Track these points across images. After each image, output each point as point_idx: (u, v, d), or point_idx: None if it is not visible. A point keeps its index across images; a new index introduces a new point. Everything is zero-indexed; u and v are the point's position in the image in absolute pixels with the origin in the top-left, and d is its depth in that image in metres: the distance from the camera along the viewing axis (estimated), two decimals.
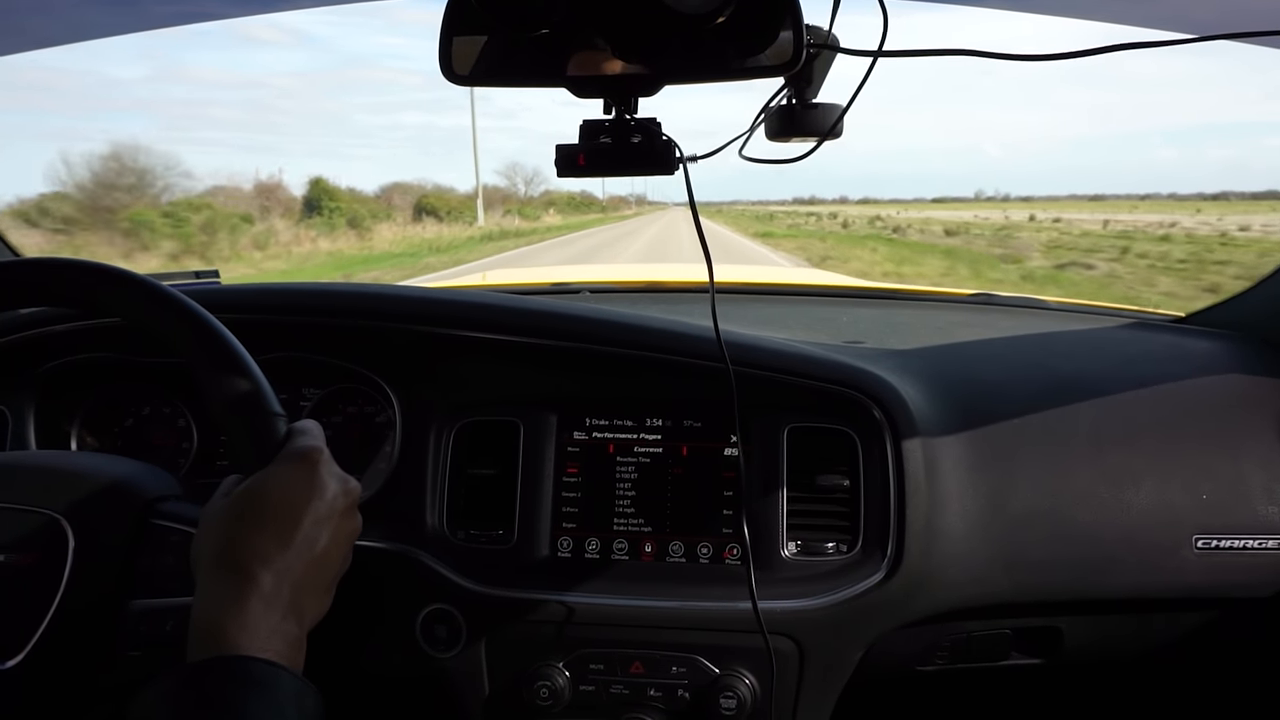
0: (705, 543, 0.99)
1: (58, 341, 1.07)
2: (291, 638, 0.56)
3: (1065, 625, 1.05)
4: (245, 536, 0.58)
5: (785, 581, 0.95)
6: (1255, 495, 0.99)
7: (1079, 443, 1.01)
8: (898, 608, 0.96)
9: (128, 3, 0.94)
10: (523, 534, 1.00)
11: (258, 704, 0.51)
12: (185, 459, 1.13)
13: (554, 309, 1.04)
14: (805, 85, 0.75)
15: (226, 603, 0.55)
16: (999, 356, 1.17)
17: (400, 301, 1.06)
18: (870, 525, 0.96)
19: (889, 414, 0.97)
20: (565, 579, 0.98)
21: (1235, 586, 1.00)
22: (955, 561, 0.96)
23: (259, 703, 0.51)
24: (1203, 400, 1.06)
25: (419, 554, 0.98)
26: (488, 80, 0.67)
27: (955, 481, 0.97)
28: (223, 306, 0.71)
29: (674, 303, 1.59)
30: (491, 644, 0.99)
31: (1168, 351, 1.17)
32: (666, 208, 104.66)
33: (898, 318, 1.50)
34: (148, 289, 0.65)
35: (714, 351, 0.91)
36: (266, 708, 0.51)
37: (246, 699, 0.51)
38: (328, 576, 0.62)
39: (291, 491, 0.60)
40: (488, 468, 1.03)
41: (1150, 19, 0.75)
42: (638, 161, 0.68)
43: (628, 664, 0.98)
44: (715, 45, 0.63)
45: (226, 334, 0.65)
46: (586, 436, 1.03)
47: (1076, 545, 0.97)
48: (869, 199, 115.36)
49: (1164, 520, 0.98)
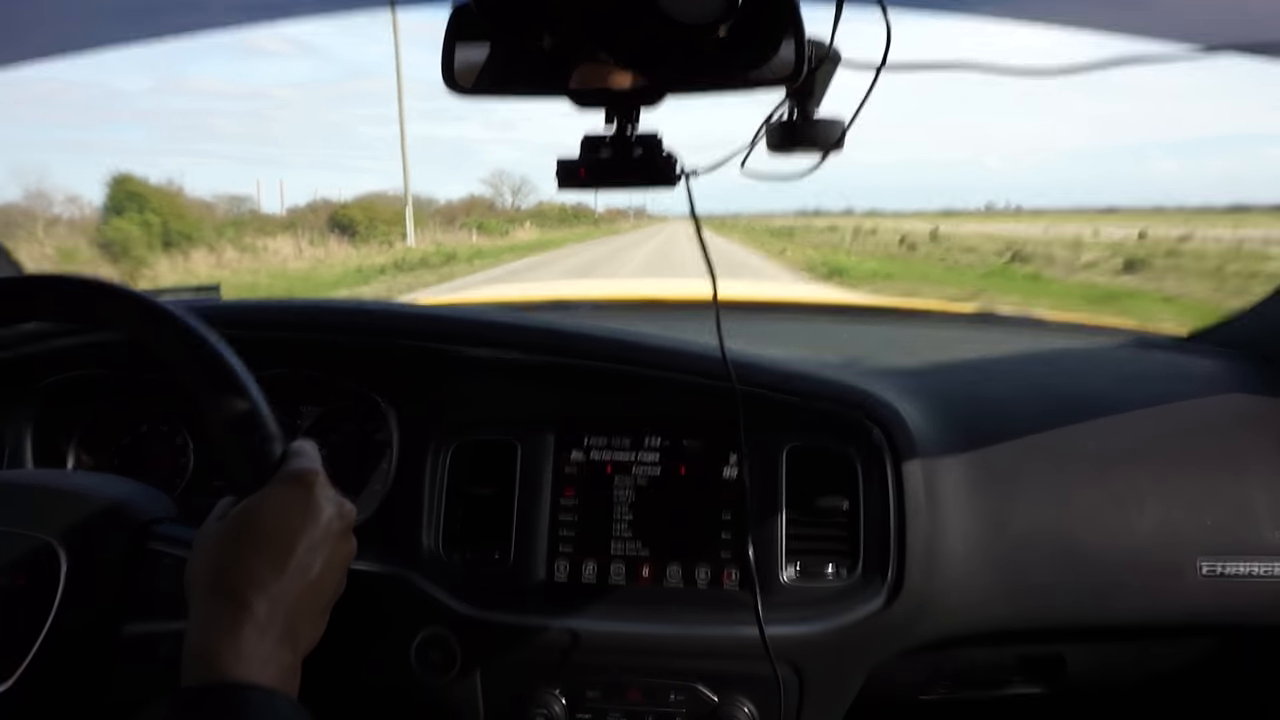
0: (703, 566, 0.97)
1: (56, 358, 1.07)
2: (286, 664, 0.56)
3: (1068, 652, 1.03)
4: (240, 562, 0.57)
5: (784, 606, 0.93)
6: (1261, 518, 0.98)
7: (1081, 463, 0.99)
8: (899, 633, 0.95)
9: (136, 12, 0.95)
10: (519, 556, 0.98)
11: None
12: (182, 478, 1.12)
13: (554, 326, 1.04)
14: (807, 98, 0.75)
15: (221, 630, 0.54)
16: (1000, 375, 1.16)
17: (399, 318, 1.05)
18: (870, 549, 0.95)
19: (889, 435, 0.96)
20: (561, 603, 0.97)
21: (1240, 612, 0.98)
22: (957, 585, 0.94)
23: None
24: (1206, 420, 1.05)
25: (414, 577, 0.97)
26: (490, 91, 0.66)
27: (956, 503, 0.96)
28: (221, 322, 0.71)
29: (674, 319, 1.59)
30: (487, 669, 0.97)
31: (1170, 370, 1.16)
32: (666, 221, 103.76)
33: (898, 335, 1.49)
34: (145, 305, 0.65)
35: (716, 369, 0.90)
36: None
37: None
38: (322, 602, 0.61)
39: (286, 515, 0.60)
40: (484, 488, 1.01)
41: (1153, 31, 0.74)
42: (639, 175, 0.68)
43: (625, 691, 0.96)
44: (717, 57, 0.63)
45: (225, 352, 0.65)
46: (584, 457, 1.02)
47: (1079, 568, 0.96)
48: (876, 211, 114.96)
49: (1168, 542, 0.97)
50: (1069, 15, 0.80)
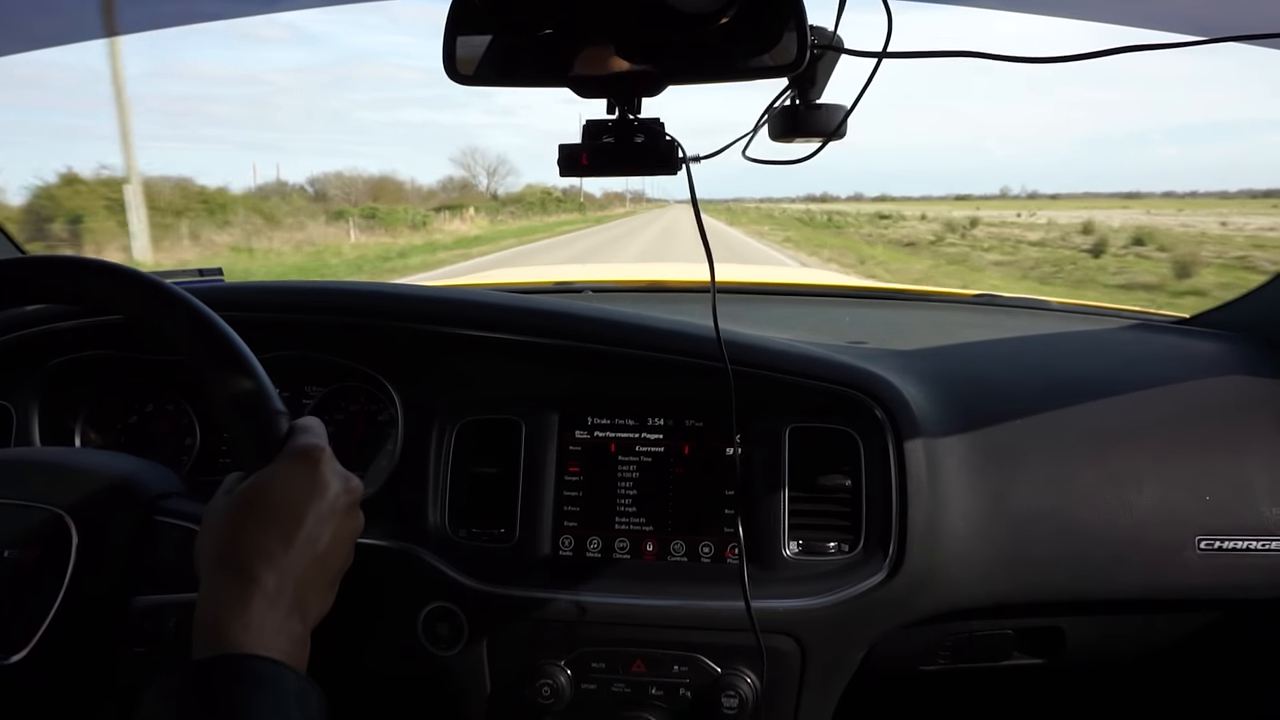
0: (707, 542, 0.99)
1: (63, 338, 1.08)
2: (295, 636, 0.57)
3: (1068, 625, 1.04)
4: (248, 535, 0.58)
5: (787, 581, 0.95)
6: (1259, 496, 0.99)
7: (1082, 443, 1.00)
8: (900, 607, 0.96)
9: (130, 4, 0.94)
10: (524, 532, 1.00)
11: (260, 703, 0.51)
12: (189, 456, 1.14)
13: (557, 308, 1.04)
14: (809, 86, 0.75)
15: (230, 602, 0.55)
16: (1002, 357, 1.17)
17: (403, 300, 1.06)
18: (872, 525, 0.96)
19: (891, 414, 0.97)
20: (567, 578, 0.98)
21: (1238, 588, 1.00)
22: (957, 561, 0.96)
23: (262, 702, 0.51)
24: (1206, 401, 1.06)
25: (421, 552, 0.98)
26: (492, 80, 0.67)
27: (957, 481, 0.97)
28: (226, 304, 0.72)
29: (677, 302, 1.60)
30: (493, 642, 0.99)
31: (1171, 352, 1.17)
32: (667, 205, 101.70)
33: (901, 318, 1.50)
34: (150, 286, 0.65)
35: (715, 351, 0.90)
36: (269, 707, 0.51)
37: (249, 698, 0.51)
38: (330, 574, 0.62)
39: (294, 490, 0.60)
40: (489, 466, 1.03)
41: (1154, 19, 0.74)
42: (641, 161, 0.68)
43: (629, 662, 0.98)
44: (719, 45, 0.63)
45: (229, 331, 0.65)
46: (588, 435, 1.03)
47: (1079, 545, 0.97)
48: (886, 196, 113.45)
49: (1167, 521, 0.98)
50: (1071, 5, 0.79)
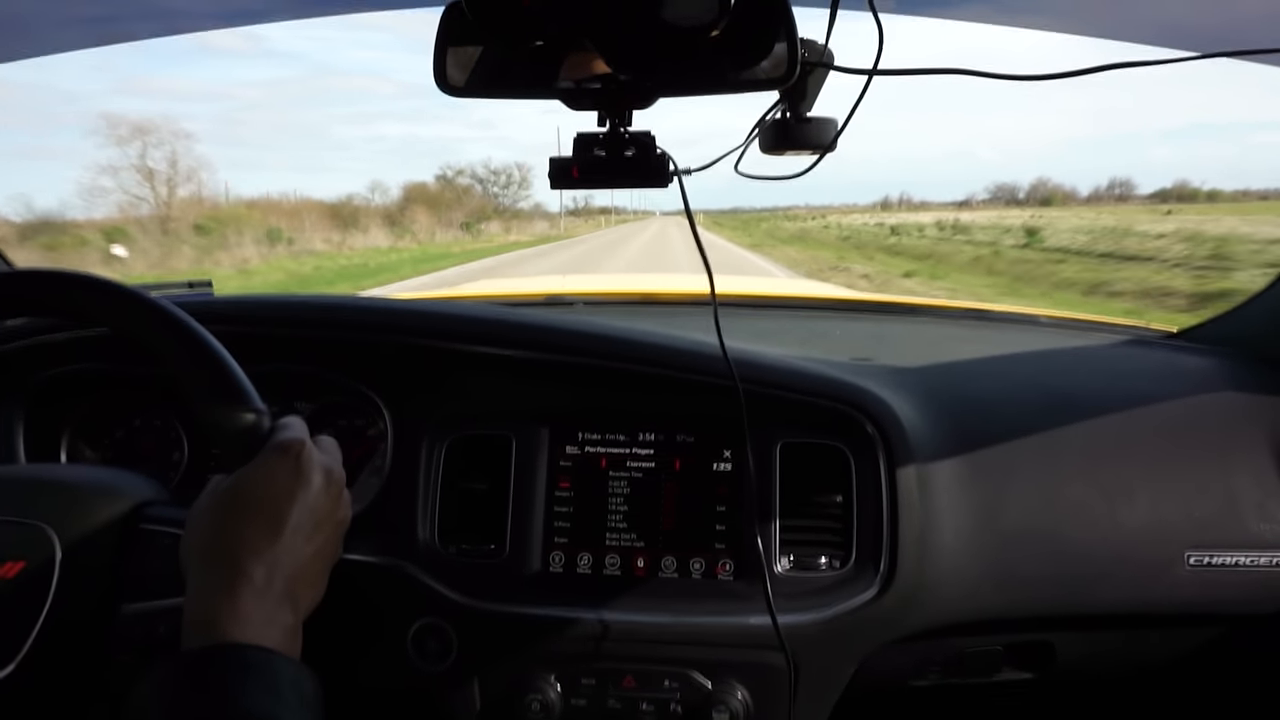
0: (698, 558, 0.98)
1: (48, 353, 1.06)
2: (286, 627, 0.57)
3: (1058, 640, 1.04)
4: (233, 529, 0.58)
5: (778, 596, 0.94)
6: (1248, 512, 0.99)
7: (1072, 459, 1.00)
8: (891, 623, 0.96)
9: (100, 20, 0.93)
10: (514, 548, 0.99)
11: (255, 689, 0.50)
12: (176, 470, 1.13)
13: (548, 323, 1.04)
14: (800, 99, 0.75)
15: (219, 594, 0.55)
16: (992, 373, 1.17)
17: (392, 314, 1.05)
18: (863, 541, 0.96)
19: (882, 430, 0.96)
20: (557, 594, 0.97)
21: (1228, 603, 1.00)
22: (948, 577, 0.95)
23: (256, 688, 0.50)
24: (1196, 417, 1.06)
25: (410, 568, 0.97)
26: (483, 92, 0.67)
27: (948, 497, 0.97)
28: (215, 318, 0.71)
29: (669, 315, 1.59)
30: (483, 658, 0.98)
31: (1161, 368, 1.17)
32: (653, 216, 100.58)
33: (890, 331, 1.50)
34: (124, 294, 0.66)
35: (714, 367, 0.90)
36: (264, 692, 0.51)
37: (244, 684, 0.50)
38: (319, 565, 0.62)
39: (277, 484, 0.61)
40: (479, 482, 1.02)
41: (1144, 35, 0.75)
42: (632, 174, 0.68)
43: (620, 678, 0.97)
44: (710, 58, 0.63)
45: (204, 334, 0.66)
46: (579, 451, 1.02)
47: (1069, 561, 0.97)
48: (888, 202, 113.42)
49: (1157, 537, 0.98)
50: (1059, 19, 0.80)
